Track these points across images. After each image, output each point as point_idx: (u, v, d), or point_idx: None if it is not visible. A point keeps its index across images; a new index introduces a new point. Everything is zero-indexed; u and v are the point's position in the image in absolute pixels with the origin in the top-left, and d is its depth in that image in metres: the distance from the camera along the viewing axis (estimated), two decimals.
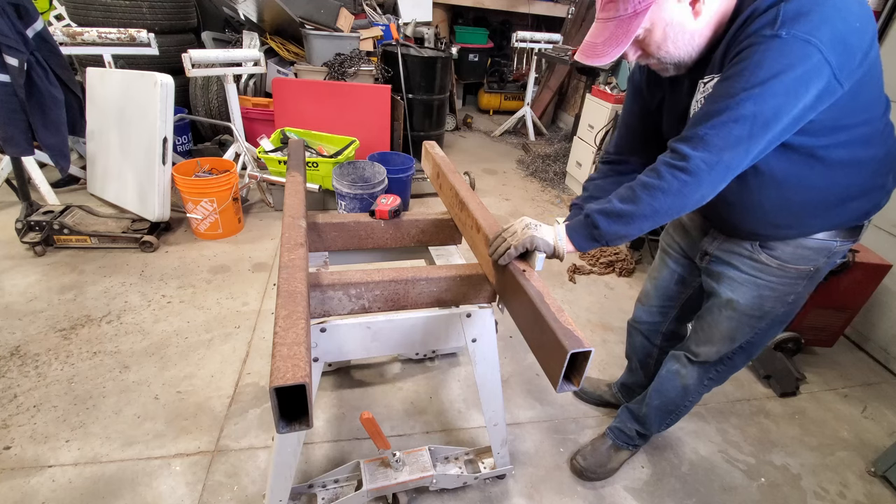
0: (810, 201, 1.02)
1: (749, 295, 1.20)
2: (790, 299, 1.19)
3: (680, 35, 0.91)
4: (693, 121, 0.90)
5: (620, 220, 0.94)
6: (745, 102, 0.82)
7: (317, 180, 3.12)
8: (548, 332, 0.89)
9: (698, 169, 0.87)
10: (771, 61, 0.80)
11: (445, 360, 2.16)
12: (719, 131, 0.84)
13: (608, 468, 1.68)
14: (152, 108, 2.61)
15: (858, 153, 0.97)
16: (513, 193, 3.96)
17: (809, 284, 1.18)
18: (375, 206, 1.51)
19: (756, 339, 1.29)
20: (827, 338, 2.42)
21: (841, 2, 0.81)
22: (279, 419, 0.78)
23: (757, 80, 0.81)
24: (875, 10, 2.34)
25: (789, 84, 0.80)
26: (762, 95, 0.81)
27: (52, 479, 1.51)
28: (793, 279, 1.15)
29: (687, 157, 0.87)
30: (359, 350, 1.22)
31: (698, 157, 0.86)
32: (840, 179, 0.99)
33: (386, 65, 4.01)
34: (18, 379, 1.84)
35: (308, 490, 1.43)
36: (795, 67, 0.79)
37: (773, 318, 1.23)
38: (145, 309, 2.26)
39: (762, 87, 0.81)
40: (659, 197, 0.89)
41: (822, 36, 0.79)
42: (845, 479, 1.80)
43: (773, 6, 0.82)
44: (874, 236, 2.39)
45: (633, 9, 0.87)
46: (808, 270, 1.14)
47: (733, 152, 0.85)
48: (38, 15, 2.43)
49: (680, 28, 0.91)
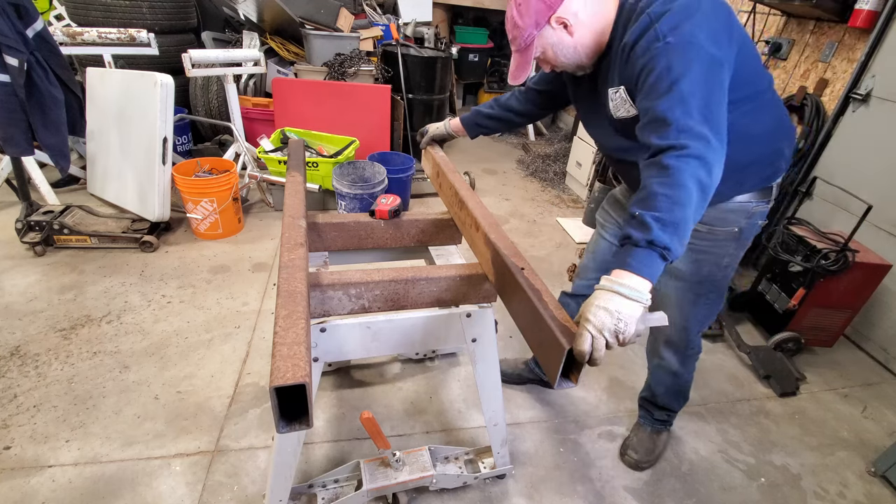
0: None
1: (687, 260, 1.35)
2: (724, 262, 1.35)
3: (565, 49, 1.14)
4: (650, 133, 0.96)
5: (678, 227, 0.87)
6: (683, 89, 0.93)
7: (317, 180, 3.12)
8: (546, 329, 0.89)
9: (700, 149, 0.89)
10: (678, 60, 0.95)
11: (445, 360, 2.16)
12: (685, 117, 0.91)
13: (657, 454, 1.78)
14: (152, 108, 2.61)
15: (749, 125, 1.14)
16: (513, 193, 3.96)
17: (738, 246, 1.34)
18: (375, 206, 1.51)
19: (703, 304, 1.43)
20: (827, 338, 2.42)
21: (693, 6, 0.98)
22: (279, 419, 0.78)
23: (676, 73, 0.94)
24: (875, 10, 2.34)
25: (703, 71, 0.94)
26: (690, 79, 0.93)
27: (52, 479, 1.51)
28: (722, 241, 1.32)
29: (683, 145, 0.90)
30: (359, 350, 1.22)
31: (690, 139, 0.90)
32: (740, 148, 1.10)
33: (386, 65, 4.01)
34: (18, 379, 1.84)
35: (308, 490, 1.43)
36: (698, 62, 0.95)
37: (712, 283, 1.39)
38: (145, 309, 2.26)
39: (685, 76, 0.93)
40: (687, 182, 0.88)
41: (701, 38, 0.95)
42: (845, 479, 1.80)
43: (648, 27, 0.99)
44: (874, 236, 2.39)
45: (524, 43, 1.13)
46: (734, 231, 1.30)
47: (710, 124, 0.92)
48: (38, 15, 2.43)
49: (562, 45, 1.13)
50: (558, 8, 1.08)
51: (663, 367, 1.62)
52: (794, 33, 2.89)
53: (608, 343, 0.84)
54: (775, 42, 2.96)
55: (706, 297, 1.42)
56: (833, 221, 2.56)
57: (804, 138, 2.71)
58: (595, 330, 0.83)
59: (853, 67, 2.50)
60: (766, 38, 3.02)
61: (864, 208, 2.08)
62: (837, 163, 2.61)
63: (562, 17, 1.09)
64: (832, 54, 2.65)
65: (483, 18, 5.93)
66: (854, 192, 2.20)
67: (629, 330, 0.84)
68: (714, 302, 1.44)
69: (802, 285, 2.24)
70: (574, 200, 3.92)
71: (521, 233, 3.32)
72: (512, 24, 1.14)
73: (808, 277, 2.21)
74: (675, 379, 1.64)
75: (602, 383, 2.11)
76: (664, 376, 1.65)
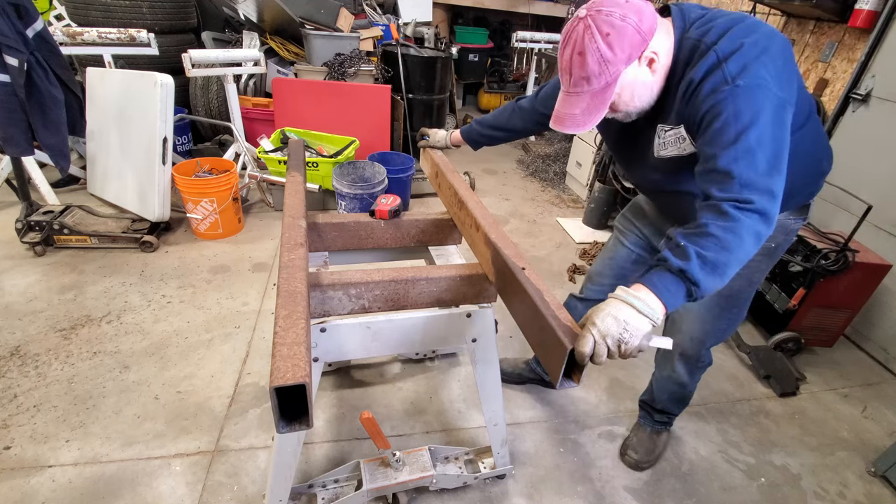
0: None
1: None
2: (755, 278, 1.32)
3: (643, 90, 1.02)
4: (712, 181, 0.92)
5: (716, 268, 0.87)
6: (753, 140, 0.89)
7: (317, 180, 3.12)
8: (547, 329, 0.89)
9: (765, 205, 0.88)
10: (747, 106, 0.90)
11: (445, 360, 2.16)
12: (754, 170, 0.88)
13: (657, 454, 1.77)
14: (152, 108, 2.61)
15: (800, 146, 1.07)
16: (513, 193, 3.96)
17: (770, 262, 1.32)
18: (375, 206, 1.51)
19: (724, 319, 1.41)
20: (827, 338, 2.42)
21: (766, 41, 0.94)
22: (279, 419, 0.78)
23: (744, 122, 0.89)
24: (875, 10, 2.34)
25: (771, 118, 0.90)
26: (760, 129, 0.89)
27: (52, 479, 1.51)
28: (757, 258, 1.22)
29: (749, 200, 0.87)
30: (359, 350, 1.22)
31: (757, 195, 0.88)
32: (792, 168, 1.06)
33: (386, 65, 4.01)
34: (18, 379, 1.84)
35: (308, 490, 1.43)
36: (767, 107, 0.90)
37: (739, 298, 1.36)
38: (145, 309, 2.26)
39: (755, 125, 0.89)
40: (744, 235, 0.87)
41: (769, 80, 0.91)
42: (845, 479, 1.80)
43: (716, 66, 0.93)
44: (874, 236, 2.39)
45: (606, 81, 0.96)
46: (770, 247, 1.28)
47: (777, 177, 0.90)
48: (38, 15, 2.43)
49: (642, 85, 1.01)
50: (651, 40, 0.96)
51: (672, 379, 1.61)
52: (794, 33, 2.90)
53: (609, 351, 0.83)
54: None
55: (730, 311, 1.39)
56: (833, 221, 2.56)
57: None
58: (599, 335, 0.83)
59: (853, 67, 2.50)
60: None
61: (864, 208, 2.08)
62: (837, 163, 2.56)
63: (654, 53, 0.97)
64: (832, 54, 2.65)
65: (483, 18, 5.93)
66: (854, 192, 2.20)
67: (632, 343, 0.83)
68: (736, 316, 1.42)
69: (802, 285, 2.24)
70: (574, 200, 3.92)
71: (521, 233, 3.32)
72: (596, 58, 0.94)
73: (808, 277, 2.21)
74: (680, 389, 1.64)
75: (602, 383, 2.11)
76: (671, 386, 1.64)
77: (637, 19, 0.93)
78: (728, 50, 0.93)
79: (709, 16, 1.02)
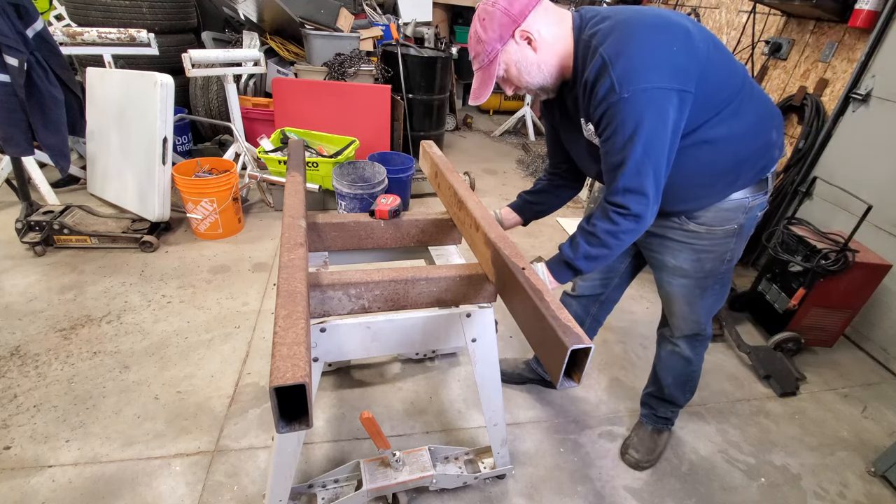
0: (712, 174, 1.23)
1: (690, 259, 1.38)
2: (727, 257, 1.38)
3: (529, 67, 1.15)
4: (607, 176, 1.14)
5: (596, 260, 1.18)
6: (632, 150, 1.04)
7: (317, 180, 3.12)
8: (548, 329, 0.89)
9: (639, 208, 1.09)
10: (630, 116, 1.03)
11: (445, 360, 2.16)
12: (629, 177, 1.07)
13: (657, 453, 1.78)
14: (152, 108, 2.61)
15: (733, 125, 1.16)
16: (513, 193, 3.94)
17: (739, 240, 1.36)
18: (375, 206, 1.51)
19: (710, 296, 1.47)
20: (827, 338, 2.42)
21: (650, 40, 1.03)
22: (279, 419, 0.78)
23: (627, 133, 1.04)
24: (875, 10, 2.34)
25: (651, 119, 1.02)
26: (638, 139, 1.03)
27: (52, 479, 1.51)
28: (723, 238, 1.34)
29: (623, 205, 1.10)
30: (359, 350, 1.22)
31: (632, 200, 1.09)
32: (727, 150, 1.19)
33: (386, 65, 4.01)
34: (18, 379, 1.84)
35: (308, 490, 1.43)
36: (649, 110, 1.02)
37: (716, 277, 1.42)
38: (145, 309, 2.26)
39: (635, 136, 1.03)
40: (622, 236, 1.14)
41: (653, 78, 1.01)
42: (845, 479, 1.80)
43: (604, 70, 1.03)
44: (874, 236, 2.39)
45: (487, 59, 1.14)
46: (733, 228, 1.32)
47: (652, 180, 1.07)
48: (38, 15, 2.43)
49: (526, 62, 1.14)
50: (522, 22, 1.10)
51: (676, 353, 1.62)
52: (794, 33, 2.90)
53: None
54: (775, 42, 2.96)
55: (711, 289, 1.45)
56: (833, 221, 2.56)
57: (804, 138, 2.71)
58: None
59: (853, 67, 2.50)
60: (766, 38, 3.03)
61: (864, 208, 2.08)
62: (837, 163, 2.61)
63: (526, 31, 1.10)
64: (832, 54, 2.65)
65: None
66: (854, 192, 2.20)
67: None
68: (720, 292, 1.47)
69: (802, 285, 2.24)
70: (574, 200, 3.92)
71: (521, 233, 3.31)
72: (475, 40, 1.15)
73: (808, 277, 2.21)
74: (686, 366, 1.63)
75: (602, 383, 2.11)
76: (676, 363, 1.64)
77: (506, 4, 1.09)
78: (614, 53, 1.03)
79: (601, 15, 1.12)
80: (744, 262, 3.12)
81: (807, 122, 2.69)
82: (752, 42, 3.02)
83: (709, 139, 1.16)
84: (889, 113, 2.36)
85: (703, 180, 1.23)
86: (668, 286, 1.48)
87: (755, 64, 3.10)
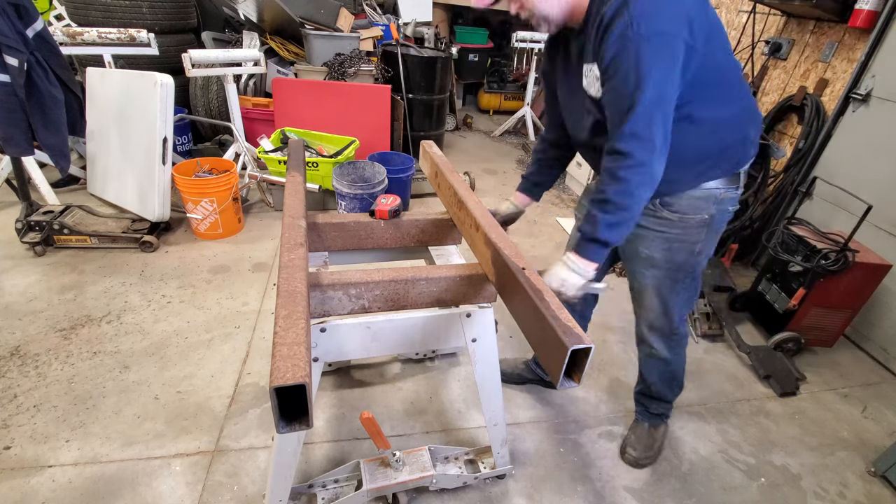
0: (690, 156, 1.24)
1: (661, 248, 1.41)
2: (697, 248, 1.40)
3: None
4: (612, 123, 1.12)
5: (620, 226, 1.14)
6: (642, 94, 1.04)
7: (317, 180, 3.12)
8: (548, 329, 0.89)
9: (644, 155, 1.07)
10: (643, 58, 1.03)
11: (445, 360, 2.16)
12: (638, 121, 1.06)
13: (655, 449, 1.78)
14: (152, 108, 2.61)
15: (719, 111, 1.20)
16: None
17: (710, 234, 1.38)
18: (375, 206, 1.51)
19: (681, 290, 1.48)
20: (827, 338, 2.42)
21: None
22: (279, 419, 0.78)
23: (640, 74, 1.03)
24: (875, 10, 2.34)
25: (664, 66, 1.04)
26: (650, 82, 1.03)
27: (52, 479, 1.51)
28: (693, 229, 1.36)
29: (629, 153, 1.07)
30: (359, 350, 1.22)
31: (637, 147, 1.07)
32: (709, 134, 1.22)
33: (386, 65, 4.01)
34: (18, 379, 1.84)
35: (308, 490, 1.43)
36: (662, 52, 1.03)
37: (686, 270, 1.44)
38: (145, 309, 2.26)
39: (648, 78, 1.03)
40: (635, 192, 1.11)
41: (670, 22, 1.03)
42: (845, 479, 1.80)
43: (623, 6, 1.03)
44: (874, 236, 2.39)
45: None
46: (705, 218, 1.34)
47: (661, 128, 1.07)
48: (38, 15, 2.43)
49: None
50: None
51: (653, 355, 1.64)
52: (794, 33, 2.90)
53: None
54: (775, 42, 2.96)
55: (682, 282, 1.47)
56: (833, 221, 2.56)
57: (804, 138, 2.71)
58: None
59: (853, 67, 2.50)
60: (766, 38, 3.03)
61: (864, 208, 2.08)
62: (837, 163, 2.61)
63: None
64: (832, 54, 2.65)
65: (483, 18, 5.93)
66: (854, 192, 2.20)
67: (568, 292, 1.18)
68: (690, 287, 1.49)
69: (802, 285, 2.24)
70: (574, 200, 3.92)
71: (521, 233, 3.31)
72: None
73: (808, 277, 2.21)
74: (665, 366, 1.65)
75: (602, 383, 2.11)
76: (655, 364, 1.66)
77: None
78: None
79: None
80: (744, 262, 3.12)
81: (807, 122, 2.69)
82: (752, 42, 3.02)
83: (694, 117, 1.18)
84: (889, 113, 2.36)
85: (685, 160, 1.24)
86: (641, 277, 1.50)
87: (755, 64, 3.10)
